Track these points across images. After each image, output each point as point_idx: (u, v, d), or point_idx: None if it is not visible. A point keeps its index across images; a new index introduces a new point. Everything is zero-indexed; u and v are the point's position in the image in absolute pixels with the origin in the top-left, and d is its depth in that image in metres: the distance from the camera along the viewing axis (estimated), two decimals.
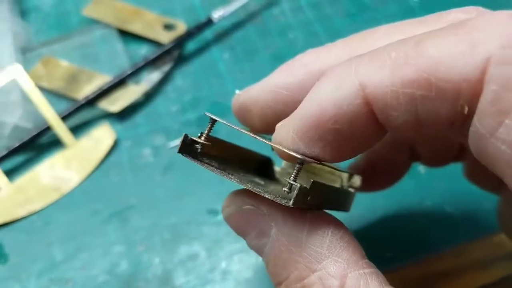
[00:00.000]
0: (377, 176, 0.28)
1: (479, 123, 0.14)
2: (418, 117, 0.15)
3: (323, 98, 0.17)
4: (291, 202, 0.17)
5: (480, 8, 0.18)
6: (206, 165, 0.19)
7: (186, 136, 0.20)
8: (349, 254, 0.18)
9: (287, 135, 0.18)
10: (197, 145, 0.20)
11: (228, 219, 0.22)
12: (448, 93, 0.15)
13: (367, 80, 0.16)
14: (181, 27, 0.44)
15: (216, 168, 0.20)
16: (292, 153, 0.18)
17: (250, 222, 0.20)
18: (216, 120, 0.20)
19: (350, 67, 0.17)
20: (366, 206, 0.34)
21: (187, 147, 0.20)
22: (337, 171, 0.25)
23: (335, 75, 0.17)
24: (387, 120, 0.16)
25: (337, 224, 0.19)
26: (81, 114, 0.40)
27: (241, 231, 0.21)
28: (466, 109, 0.15)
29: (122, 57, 0.43)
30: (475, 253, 0.32)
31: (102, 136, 0.39)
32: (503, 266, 0.32)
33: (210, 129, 0.20)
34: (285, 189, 0.18)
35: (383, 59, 0.16)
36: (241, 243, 0.33)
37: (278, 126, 0.19)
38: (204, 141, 0.20)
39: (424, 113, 0.15)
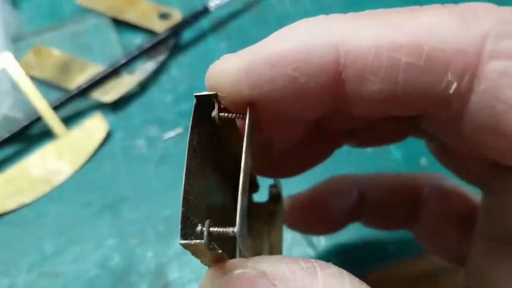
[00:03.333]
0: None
1: (495, 98, 0.13)
2: (396, 87, 0.14)
3: (294, 39, 0.15)
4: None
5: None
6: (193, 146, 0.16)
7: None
8: None
9: (233, 66, 0.15)
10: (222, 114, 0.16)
11: None
12: (439, 64, 0.14)
13: (349, 36, 0.14)
14: (177, 16, 0.43)
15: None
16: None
17: None
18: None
19: (333, 19, 0.15)
20: None
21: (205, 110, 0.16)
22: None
23: (314, 22, 0.15)
24: (360, 86, 0.15)
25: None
26: (73, 104, 0.39)
27: None
28: (454, 87, 0.14)
29: (116, 46, 0.42)
30: None
31: (94, 126, 0.38)
32: None
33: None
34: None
35: (371, 18, 0.15)
36: None
37: (226, 55, 0.16)
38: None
39: (404, 84, 0.14)
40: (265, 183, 0.22)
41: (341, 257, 0.32)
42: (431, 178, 0.25)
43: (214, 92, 0.16)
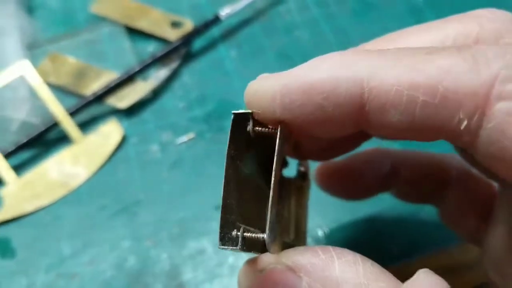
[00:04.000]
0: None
1: (501, 136, 0.15)
2: (414, 119, 0.16)
3: (325, 71, 0.17)
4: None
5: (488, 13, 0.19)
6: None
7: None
8: (388, 277, 0.17)
9: (269, 87, 0.18)
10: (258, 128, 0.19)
11: None
12: (451, 103, 0.15)
13: (374, 74, 0.16)
14: (188, 25, 0.44)
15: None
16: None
17: (276, 284, 0.18)
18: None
19: (360, 55, 0.17)
20: (372, 200, 0.34)
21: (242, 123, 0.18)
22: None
23: (343, 57, 0.17)
24: (381, 116, 0.17)
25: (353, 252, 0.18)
26: (89, 110, 0.40)
27: None
28: (464, 124, 0.15)
29: (130, 54, 0.43)
30: None
31: (110, 132, 0.39)
32: None
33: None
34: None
35: (393, 59, 0.17)
36: None
37: (263, 75, 0.19)
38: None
39: (420, 118, 0.16)
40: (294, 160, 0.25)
41: None
42: (460, 162, 0.27)
43: (249, 111, 0.18)
